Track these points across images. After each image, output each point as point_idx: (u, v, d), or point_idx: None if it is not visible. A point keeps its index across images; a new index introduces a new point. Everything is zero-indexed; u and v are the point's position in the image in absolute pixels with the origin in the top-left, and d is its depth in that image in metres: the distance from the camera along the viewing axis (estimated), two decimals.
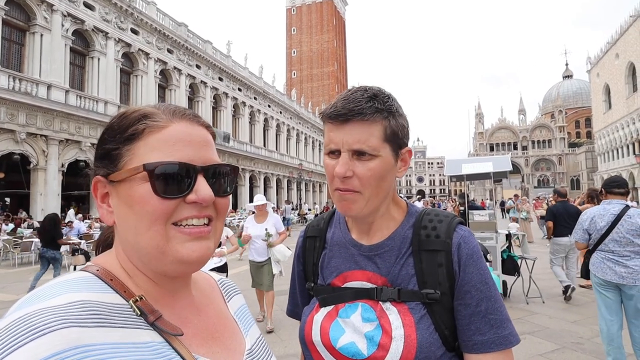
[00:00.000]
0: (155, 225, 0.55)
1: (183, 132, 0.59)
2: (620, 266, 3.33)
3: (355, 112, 0.80)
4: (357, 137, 0.81)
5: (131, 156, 0.57)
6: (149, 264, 0.58)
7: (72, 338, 0.44)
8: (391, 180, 0.87)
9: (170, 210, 0.55)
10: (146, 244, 0.55)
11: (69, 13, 19.86)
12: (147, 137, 0.57)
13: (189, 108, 9.18)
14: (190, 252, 0.56)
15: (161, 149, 0.56)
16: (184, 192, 0.56)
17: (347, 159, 0.81)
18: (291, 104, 46.92)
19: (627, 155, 49.00)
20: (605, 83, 55.25)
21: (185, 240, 0.56)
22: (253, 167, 36.17)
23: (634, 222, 3.33)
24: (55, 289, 0.50)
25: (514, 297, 6.25)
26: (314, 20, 70.85)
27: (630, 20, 46.44)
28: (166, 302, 0.60)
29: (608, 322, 3.44)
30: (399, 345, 0.80)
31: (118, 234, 0.60)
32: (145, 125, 0.58)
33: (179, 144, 0.58)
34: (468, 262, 0.85)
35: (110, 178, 0.58)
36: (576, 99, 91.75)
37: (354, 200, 0.83)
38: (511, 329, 0.83)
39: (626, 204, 3.48)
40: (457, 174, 8.08)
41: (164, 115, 0.59)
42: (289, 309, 1.10)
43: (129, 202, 0.56)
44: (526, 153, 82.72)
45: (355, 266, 0.91)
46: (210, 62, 31.60)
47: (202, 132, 0.62)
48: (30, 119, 17.49)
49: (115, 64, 22.83)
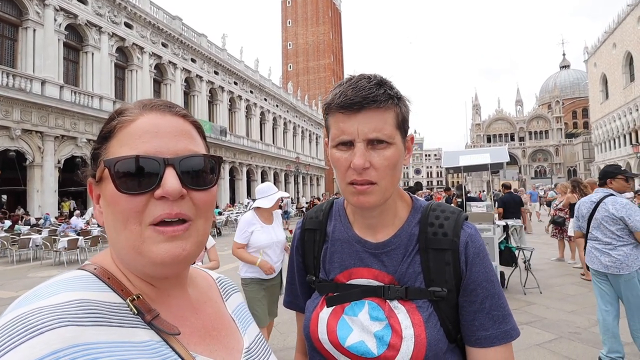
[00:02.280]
0: (129, 225, 0.53)
1: (150, 124, 0.56)
2: (605, 255, 3.38)
3: (369, 99, 0.77)
4: (372, 125, 0.78)
5: (106, 154, 0.56)
6: (129, 265, 0.57)
7: (69, 337, 0.43)
8: (401, 168, 0.86)
9: (140, 207, 0.53)
10: (124, 244, 0.54)
11: (61, 7, 19.64)
12: (118, 133, 0.56)
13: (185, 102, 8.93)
14: (163, 253, 0.53)
15: (128, 143, 0.55)
16: (151, 187, 0.53)
17: (363, 149, 0.78)
18: (287, 97, 46.76)
19: (624, 145, 49.15)
20: (603, 73, 55.21)
21: (159, 241, 0.53)
22: (250, 161, 36.11)
23: (607, 209, 3.41)
24: (53, 288, 0.50)
25: (512, 288, 6.29)
26: (310, 13, 70.25)
27: (628, 10, 46.28)
28: (163, 301, 0.59)
29: (603, 312, 3.46)
30: (410, 345, 0.80)
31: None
32: (117, 122, 0.57)
33: (145, 135, 0.55)
34: (475, 260, 0.85)
35: (96, 179, 0.58)
36: (573, 90, 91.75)
37: (371, 192, 0.80)
38: (513, 324, 0.85)
39: (610, 192, 3.52)
40: (455, 165, 8.08)
41: (136, 109, 0.58)
42: (287, 300, 1.08)
43: (106, 201, 0.56)
44: (523, 144, 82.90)
45: (360, 263, 0.90)
46: (205, 55, 31.39)
47: (175, 122, 0.59)
48: (25, 115, 17.38)
49: (110, 59, 22.64)
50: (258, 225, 3.48)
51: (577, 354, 3.88)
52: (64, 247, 10.66)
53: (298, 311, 1.05)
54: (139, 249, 0.53)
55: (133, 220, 0.53)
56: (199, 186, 0.58)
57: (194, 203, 0.57)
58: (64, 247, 10.67)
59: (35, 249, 11.91)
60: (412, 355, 0.80)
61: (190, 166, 0.57)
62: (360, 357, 0.83)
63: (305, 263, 1.00)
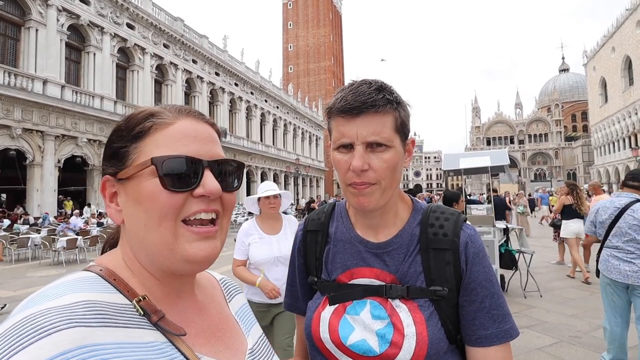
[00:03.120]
0: (165, 222, 0.55)
1: (189, 128, 0.60)
2: (627, 264, 3.10)
3: (368, 104, 0.80)
4: (371, 129, 0.80)
5: (138, 153, 0.57)
6: (157, 262, 0.58)
7: (78, 338, 0.44)
8: (401, 171, 0.87)
9: (179, 204, 0.56)
10: (156, 241, 0.56)
11: (64, 8, 19.68)
12: (153, 134, 0.58)
13: (186, 103, 8.98)
14: (198, 251, 0.57)
15: (167, 144, 0.57)
16: (192, 186, 0.57)
17: (362, 152, 0.81)
18: (288, 99, 46.81)
19: (623, 149, 49.23)
20: (602, 76, 55.34)
21: (193, 240, 0.57)
22: (250, 162, 36.13)
23: (636, 217, 3.10)
24: (60, 289, 0.50)
25: (512, 291, 6.29)
26: (311, 15, 70.38)
27: (627, 14, 46.44)
28: (169, 302, 0.60)
29: (612, 323, 3.27)
30: (412, 343, 0.82)
31: (126, 233, 0.60)
32: (153, 123, 0.59)
33: (185, 139, 0.58)
34: (475, 260, 0.87)
35: (118, 176, 0.58)
36: (572, 93, 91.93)
37: (371, 193, 0.83)
38: (512, 323, 0.87)
39: (636, 197, 3.21)
40: (455, 168, 8.08)
41: (170, 113, 0.60)
42: (288, 303, 1.09)
43: (137, 198, 0.56)
44: (523, 147, 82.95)
45: (362, 263, 0.91)
46: (206, 57, 31.43)
47: (208, 129, 0.63)
48: (26, 114, 17.38)
49: (111, 59, 22.67)
50: (256, 236, 2.79)
51: (577, 358, 3.87)
52: (62, 246, 10.65)
53: (298, 314, 1.05)
54: (172, 245, 0.56)
55: (170, 216, 0.55)
56: (228, 188, 0.62)
57: (223, 203, 0.61)
58: (63, 247, 10.66)
59: (34, 249, 11.89)
60: (414, 353, 0.81)
61: (223, 169, 0.62)
62: (362, 355, 0.84)
63: (307, 264, 1.01)
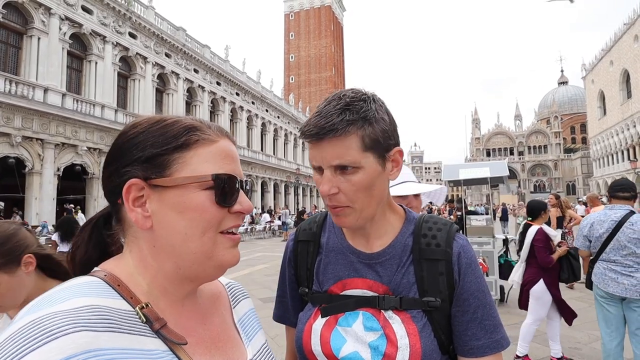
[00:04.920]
0: (208, 232, 0.59)
1: (229, 148, 0.64)
2: (624, 277, 3.05)
3: (326, 129, 0.77)
4: (334, 152, 0.79)
5: (182, 164, 0.59)
6: (189, 268, 0.59)
7: (83, 342, 0.44)
8: (382, 186, 0.85)
9: (221, 218, 0.60)
10: (196, 249, 0.58)
11: (66, 17, 19.85)
12: (198, 148, 0.60)
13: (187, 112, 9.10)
14: (232, 257, 0.62)
15: (213, 161, 0.61)
16: (233, 203, 0.62)
17: (329, 175, 0.80)
18: (289, 109, 47.00)
19: (622, 161, 49.34)
20: (600, 89, 55.72)
21: (230, 247, 0.62)
22: (250, 172, 36.13)
23: (637, 230, 3.02)
24: (65, 293, 0.50)
25: (511, 302, 6.23)
26: (312, 26, 71.15)
27: (624, 28, 46.96)
28: (172, 310, 0.60)
29: (605, 336, 3.24)
30: (405, 355, 0.81)
31: (151, 239, 0.59)
32: (199, 137, 0.61)
33: (227, 158, 0.63)
34: (467, 271, 0.87)
35: (154, 182, 0.58)
36: (571, 105, 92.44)
37: (346, 214, 0.83)
38: (503, 333, 0.87)
39: (630, 209, 3.17)
40: (455, 179, 8.10)
41: (212, 132, 0.63)
42: (277, 314, 1.07)
43: (179, 208, 0.58)
44: (522, 158, 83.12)
45: (354, 274, 0.90)
46: (208, 66, 31.64)
47: (235, 149, 0.68)
48: (26, 122, 17.42)
49: (113, 68, 22.80)
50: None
51: None
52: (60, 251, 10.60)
53: (288, 325, 1.04)
54: (210, 253, 0.59)
55: (214, 228, 0.59)
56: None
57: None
58: None
59: None
60: None
61: (244, 187, 0.66)
62: None
63: (298, 275, 1.00)
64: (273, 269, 9.80)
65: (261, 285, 8.37)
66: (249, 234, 22.12)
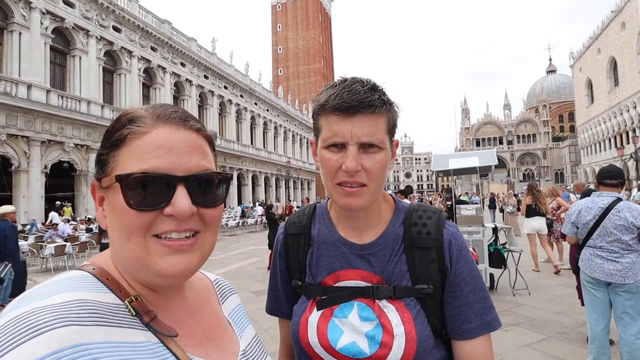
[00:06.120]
0: (134, 237, 0.53)
1: (164, 138, 0.55)
2: (610, 263, 3.10)
3: (365, 103, 0.78)
4: (366, 129, 0.79)
5: (115, 163, 0.55)
6: (132, 274, 0.57)
7: (70, 337, 0.43)
8: (387, 171, 0.87)
9: (148, 223, 0.53)
10: (127, 254, 0.55)
11: (48, 11, 19.41)
12: (129, 143, 0.55)
13: None
14: (169, 267, 0.54)
15: (140, 156, 0.54)
16: (161, 205, 0.53)
17: (355, 152, 0.79)
18: (278, 102, 46.76)
19: (609, 149, 50.13)
20: (588, 77, 56.35)
21: (165, 254, 0.54)
22: (241, 166, 35.98)
23: (622, 217, 3.06)
24: (53, 287, 0.50)
25: (501, 290, 6.34)
26: (300, 17, 70.51)
27: (612, 16, 47.41)
28: (161, 303, 0.60)
29: (592, 320, 3.29)
30: (401, 342, 0.82)
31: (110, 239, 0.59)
32: (129, 131, 0.55)
33: (158, 150, 0.54)
34: (459, 257, 0.89)
35: (101, 183, 0.57)
36: (560, 94, 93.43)
37: (360, 194, 0.82)
38: (494, 314, 0.89)
39: (617, 196, 3.19)
40: (444, 169, 8.14)
41: (149, 120, 0.56)
42: (270, 307, 1.07)
43: (110, 210, 0.56)
44: (511, 147, 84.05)
45: (347, 265, 0.91)
46: (195, 59, 31.28)
47: (189, 137, 0.58)
48: (11, 119, 17.09)
49: (98, 63, 22.42)
50: None
51: (565, 353, 3.92)
52: (51, 253, 10.47)
53: (281, 317, 1.04)
54: (144, 260, 0.54)
55: (138, 233, 0.53)
56: (208, 204, 0.58)
57: (203, 219, 0.57)
58: (51, 254, 10.48)
59: (22, 256, 11.66)
60: (404, 352, 0.82)
61: (202, 184, 0.57)
62: (352, 358, 0.84)
63: (290, 268, 1.00)
64: (265, 262, 9.80)
65: (253, 278, 8.38)
66: (240, 228, 22.09)
